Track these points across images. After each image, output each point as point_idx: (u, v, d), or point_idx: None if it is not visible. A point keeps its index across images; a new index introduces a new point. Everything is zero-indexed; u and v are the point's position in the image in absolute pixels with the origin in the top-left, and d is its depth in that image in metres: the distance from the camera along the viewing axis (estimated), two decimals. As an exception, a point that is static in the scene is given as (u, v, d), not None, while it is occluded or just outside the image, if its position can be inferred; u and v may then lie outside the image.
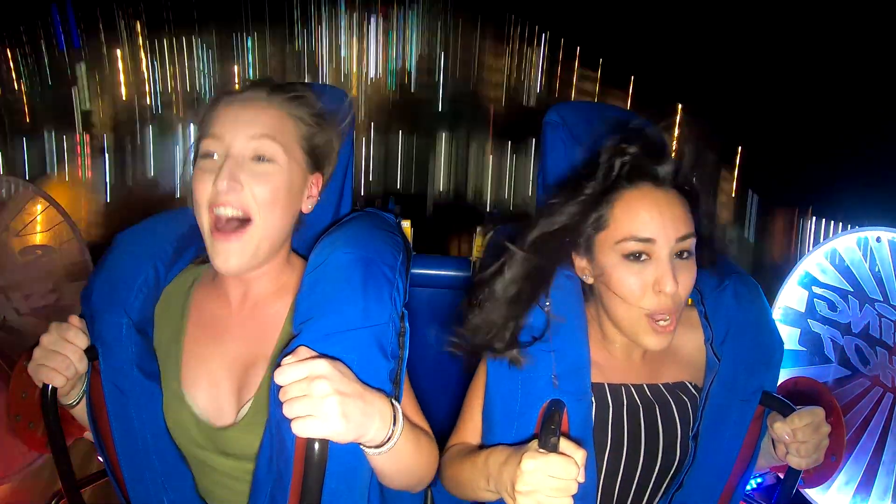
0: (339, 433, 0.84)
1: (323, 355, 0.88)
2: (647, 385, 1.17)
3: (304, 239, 1.24)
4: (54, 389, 1.01)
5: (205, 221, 1.04)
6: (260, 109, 1.05)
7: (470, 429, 1.17)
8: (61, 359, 0.99)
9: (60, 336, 1.01)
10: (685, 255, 1.07)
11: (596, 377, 1.13)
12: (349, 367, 0.91)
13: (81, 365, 1.02)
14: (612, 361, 1.18)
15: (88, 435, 1.15)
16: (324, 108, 1.16)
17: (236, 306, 1.13)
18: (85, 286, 1.13)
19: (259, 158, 1.03)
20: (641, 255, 1.06)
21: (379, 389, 0.94)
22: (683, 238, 1.06)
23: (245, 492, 1.05)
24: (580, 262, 1.15)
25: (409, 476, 1.04)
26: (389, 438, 0.92)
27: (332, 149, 1.18)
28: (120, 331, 1.07)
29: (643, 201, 1.06)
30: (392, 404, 0.94)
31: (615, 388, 1.15)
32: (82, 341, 1.03)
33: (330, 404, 0.83)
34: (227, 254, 1.03)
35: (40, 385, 1.01)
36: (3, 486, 1.86)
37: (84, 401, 1.10)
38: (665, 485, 1.16)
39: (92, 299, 1.10)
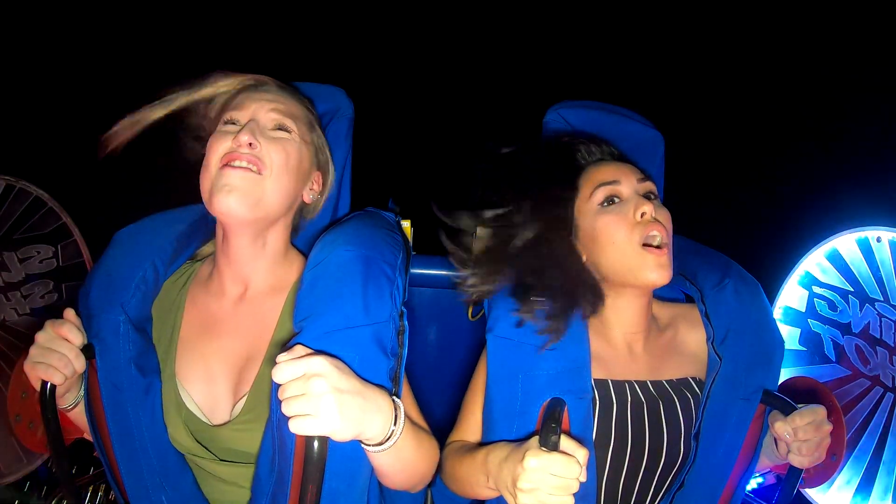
0: (337, 431, 0.84)
1: (321, 352, 0.88)
2: (650, 382, 1.17)
3: (304, 239, 1.24)
4: (53, 388, 0.99)
5: (213, 167, 1.03)
6: (282, 95, 1.12)
7: (471, 424, 1.17)
8: (58, 356, 0.98)
9: (56, 333, 0.99)
10: (652, 196, 1.17)
11: (599, 373, 1.13)
12: (349, 365, 0.90)
13: (78, 362, 1.00)
14: (614, 354, 1.18)
15: (88, 435, 1.14)
16: (319, 113, 1.22)
17: (232, 301, 1.12)
18: (83, 284, 1.13)
19: (278, 128, 1.08)
20: (613, 198, 1.16)
21: (380, 386, 0.93)
22: (644, 179, 1.17)
23: (244, 494, 1.05)
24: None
25: (409, 474, 1.04)
26: (390, 436, 0.92)
27: (329, 156, 1.22)
28: (118, 329, 1.06)
29: (601, 165, 1.22)
30: (393, 401, 0.93)
31: (619, 385, 1.15)
32: (77, 337, 1.01)
33: (327, 402, 0.82)
34: (232, 185, 1.00)
35: (38, 384, 1.00)
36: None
37: (82, 405, 1.09)
38: (667, 483, 1.16)
39: (90, 297, 1.09)
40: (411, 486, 1.08)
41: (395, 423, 0.92)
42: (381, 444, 0.92)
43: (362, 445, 0.93)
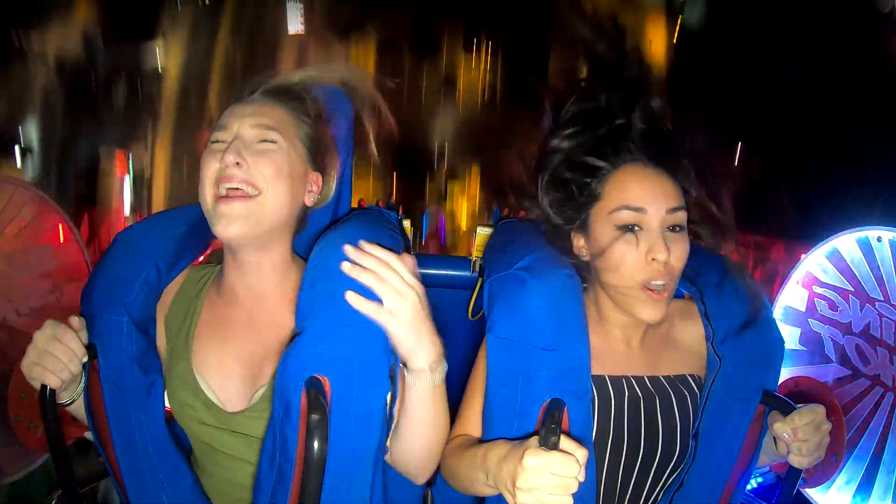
0: (399, 329, 0.96)
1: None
2: (647, 377, 1.18)
3: (304, 240, 1.24)
4: (53, 389, 1.00)
5: (208, 195, 1.06)
6: (264, 107, 1.12)
7: (471, 418, 1.17)
8: (54, 360, 0.99)
9: (55, 336, 1.01)
10: (677, 228, 1.11)
11: (596, 369, 1.13)
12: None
13: (74, 366, 1.01)
14: (611, 349, 1.19)
15: (88, 435, 1.15)
16: (323, 109, 1.20)
17: (245, 307, 1.14)
18: (85, 285, 1.13)
19: (262, 140, 1.09)
20: (634, 227, 1.10)
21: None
22: (674, 210, 1.10)
23: (246, 487, 1.05)
24: (578, 242, 1.20)
25: (426, 439, 1.06)
26: (432, 371, 0.99)
27: (332, 148, 1.21)
28: (121, 329, 1.07)
29: (635, 176, 1.12)
30: (441, 356, 1.02)
31: (616, 381, 1.16)
32: (75, 343, 1.02)
33: (408, 302, 0.95)
34: (230, 216, 1.03)
35: (33, 382, 1.01)
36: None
37: (80, 400, 1.10)
38: (665, 482, 1.16)
39: (92, 298, 1.10)
40: (421, 459, 1.09)
41: (438, 366, 1.01)
42: (421, 373, 0.99)
43: (405, 372, 1.00)
